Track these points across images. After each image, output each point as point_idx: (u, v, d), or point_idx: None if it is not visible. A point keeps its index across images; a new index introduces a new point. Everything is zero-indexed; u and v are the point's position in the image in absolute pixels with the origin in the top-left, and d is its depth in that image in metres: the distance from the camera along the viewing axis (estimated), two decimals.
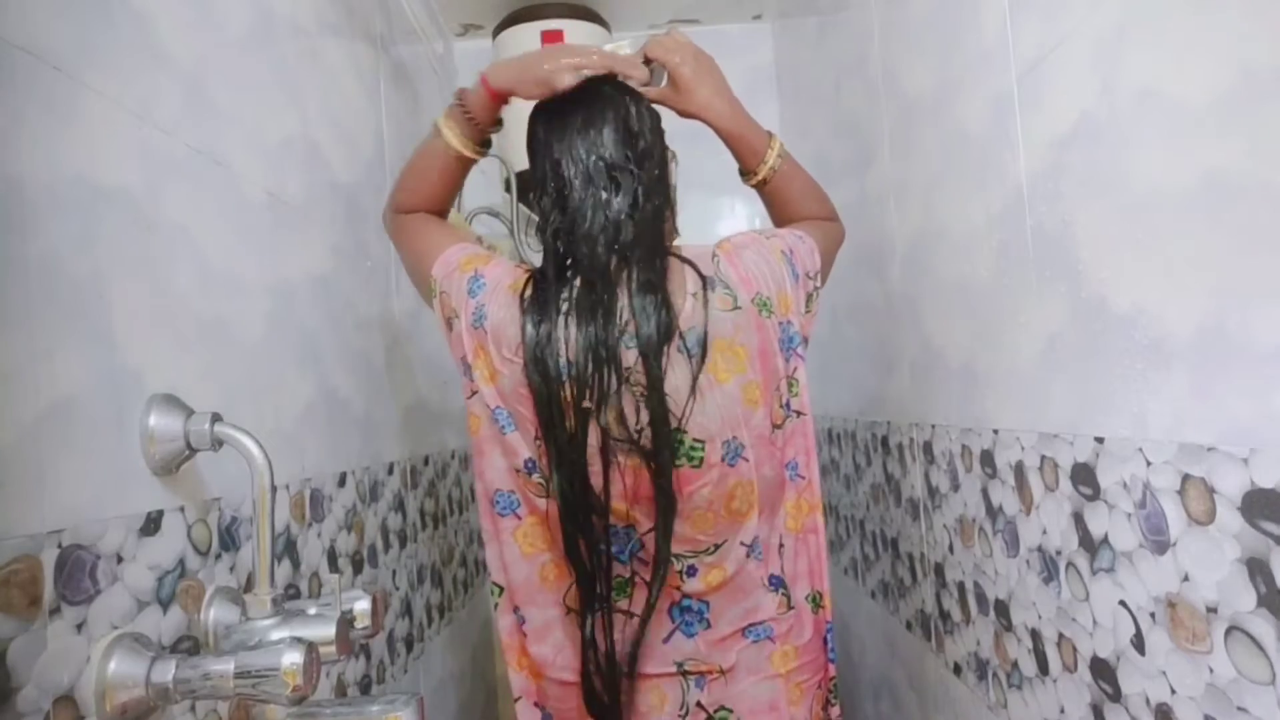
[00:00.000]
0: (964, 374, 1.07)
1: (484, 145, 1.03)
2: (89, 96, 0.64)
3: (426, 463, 1.59)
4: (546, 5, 1.93)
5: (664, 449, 0.87)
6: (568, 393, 0.87)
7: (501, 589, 0.98)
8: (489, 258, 0.99)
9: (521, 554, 0.95)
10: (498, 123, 1.03)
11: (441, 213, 1.07)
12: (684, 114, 1.03)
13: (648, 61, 1.01)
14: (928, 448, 1.22)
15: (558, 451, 0.88)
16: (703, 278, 0.91)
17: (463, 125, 0.99)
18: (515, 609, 0.97)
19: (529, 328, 0.89)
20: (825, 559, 0.99)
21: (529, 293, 0.91)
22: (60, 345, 0.59)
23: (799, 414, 0.97)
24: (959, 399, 1.09)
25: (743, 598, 0.93)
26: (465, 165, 1.03)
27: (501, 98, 0.99)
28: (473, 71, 1.02)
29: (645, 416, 0.87)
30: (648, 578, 0.91)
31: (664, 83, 1.02)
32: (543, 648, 0.96)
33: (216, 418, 0.70)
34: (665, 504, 0.88)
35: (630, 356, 0.87)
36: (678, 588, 0.92)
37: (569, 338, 0.87)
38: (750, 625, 0.93)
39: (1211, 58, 0.58)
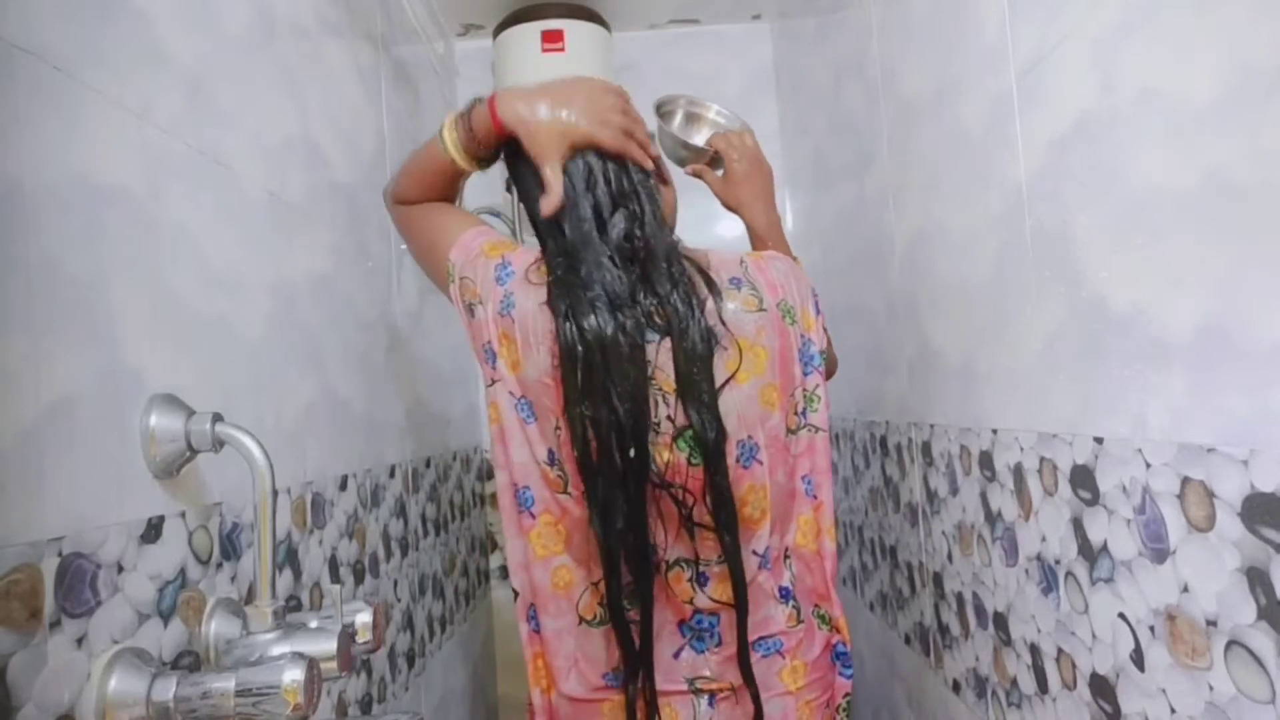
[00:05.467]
0: (963, 374, 1.07)
1: (484, 160, 0.98)
2: (89, 96, 0.64)
3: (428, 465, 1.59)
4: (547, 5, 1.93)
5: (719, 455, 0.86)
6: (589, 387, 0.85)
7: (518, 593, 0.95)
8: (513, 244, 0.97)
9: (536, 556, 0.92)
10: (498, 151, 0.98)
11: (447, 202, 1.05)
12: (725, 205, 1.15)
13: (716, 154, 1.15)
14: (926, 448, 1.22)
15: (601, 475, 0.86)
16: (710, 282, 0.91)
17: (464, 137, 0.95)
18: (533, 615, 0.94)
19: (564, 331, 0.86)
20: (832, 585, 0.97)
21: (551, 289, 0.89)
22: (60, 345, 0.59)
23: (816, 429, 0.96)
24: (958, 399, 1.09)
25: (754, 609, 0.91)
26: (464, 172, 1.00)
27: (506, 134, 0.94)
28: (474, 71, 1.01)
29: (664, 412, 0.86)
30: (657, 589, 0.90)
31: (719, 172, 1.15)
32: (555, 660, 0.92)
33: (218, 418, 0.70)
34: (727, 507, 0.87)
35: (650, 350, 0.86)
36: (689, 601, 0.90)
37: (594, 340, 0.85)
38: (760, 639, 0.92)
39: (1211, 58, 0.58)
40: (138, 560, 0.65)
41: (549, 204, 0.90)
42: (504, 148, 0.98)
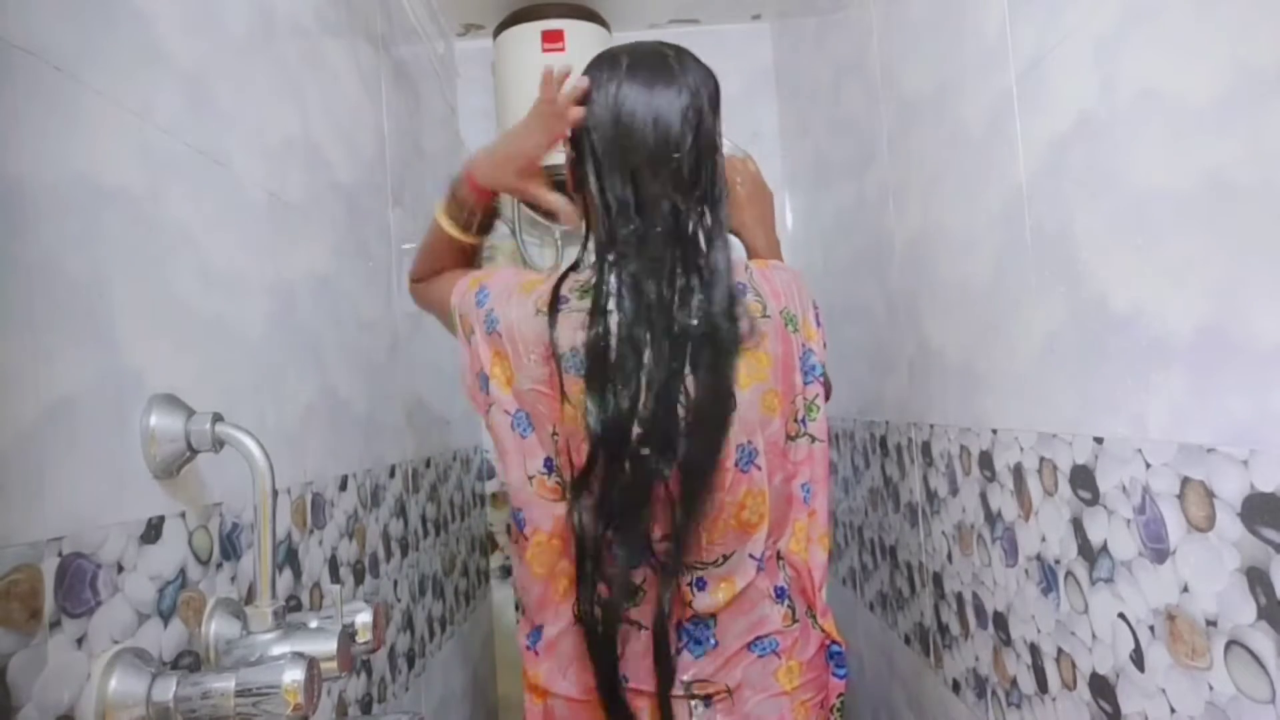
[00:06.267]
0: (963, 373, 1.07)
1: (484, 228, 1.03)
2: (89, 96, 0.64)
3: (428, 465, 1.59)
4: (547, 5, 1.93)
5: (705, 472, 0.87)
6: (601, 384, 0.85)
7: (521, 607, 0.97)
8: (490, 272, 1.00)
9: (533, 575, 0.93)
10: (495, 211, 1.02)
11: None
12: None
13: None
14: (926, 448, 1.22)
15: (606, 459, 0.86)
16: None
17: (457, 214, 0.99)
18: (532, 629, 0.96)
19: (574, 331, 0.87)
20: (819, 594, 0.97)
21: (564, 293, 0.90)
22: (60, 345, 0.59)
23: (814, 439, 0.96)
24: (958, 399, 1.09)
25: (750, 609, 0.91)
26: (471, 245, 1.04)
27: (490, 193, 0.99)
28: (474, 71, 1.02)
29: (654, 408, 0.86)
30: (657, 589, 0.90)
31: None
32: (551, 662, 0.94)
33: (218, 418, 0.70)
34: (697, 506, 0.87)
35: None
36: (688, 604, 0.90)
37: (621, 334, 0.86)
38: (756, 639, 0.92)
39: (1211, 58, 0.58)
40: (138, 560, 0.65)
41: (566, 217, 0.95)
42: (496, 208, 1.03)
